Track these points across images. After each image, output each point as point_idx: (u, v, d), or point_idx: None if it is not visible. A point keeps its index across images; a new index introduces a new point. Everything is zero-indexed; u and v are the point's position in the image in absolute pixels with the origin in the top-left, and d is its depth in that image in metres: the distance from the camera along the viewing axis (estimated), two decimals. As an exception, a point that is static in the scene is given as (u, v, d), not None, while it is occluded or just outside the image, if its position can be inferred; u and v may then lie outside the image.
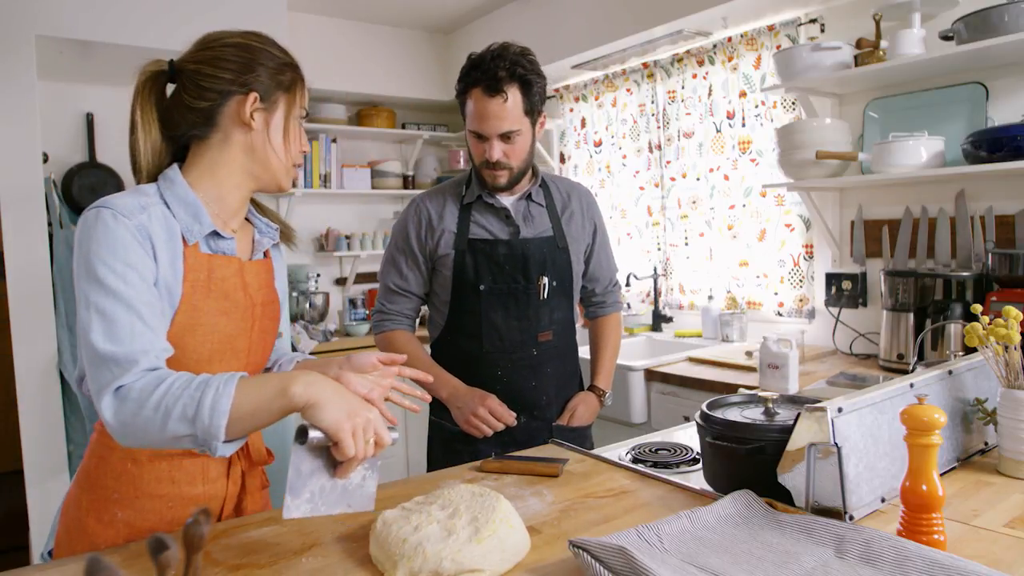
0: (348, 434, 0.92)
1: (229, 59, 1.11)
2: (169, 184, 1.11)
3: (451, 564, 0.88)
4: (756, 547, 0.92)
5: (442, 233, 1.70)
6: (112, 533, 1.09)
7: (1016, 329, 1.17)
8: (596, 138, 3.74)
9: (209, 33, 1.17)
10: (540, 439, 1.67)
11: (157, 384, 0.93)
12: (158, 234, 1.05)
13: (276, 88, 1.13)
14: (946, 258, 2.34)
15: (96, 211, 1.02)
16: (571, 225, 1.77)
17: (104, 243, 1.00)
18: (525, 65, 1.58)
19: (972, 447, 1.27)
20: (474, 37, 4.01)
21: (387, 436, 0.98)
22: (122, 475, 1.11)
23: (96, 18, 2.78)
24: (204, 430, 0.91)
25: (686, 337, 3.15)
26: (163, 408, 0.91)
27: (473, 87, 1.59)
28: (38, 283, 2.70)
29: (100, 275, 0.98)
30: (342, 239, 3.98)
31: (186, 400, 0.91)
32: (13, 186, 2.64)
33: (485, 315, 1.68)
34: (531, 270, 1.68)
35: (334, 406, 0.93)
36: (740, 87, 3.00)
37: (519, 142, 1.62)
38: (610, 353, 1.90)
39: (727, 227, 3.12)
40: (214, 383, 0.93)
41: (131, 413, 0.92)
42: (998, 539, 0.96)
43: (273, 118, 1.13)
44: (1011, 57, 2.11)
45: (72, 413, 2.79)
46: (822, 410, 1.00)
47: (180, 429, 0.91)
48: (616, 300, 1.95)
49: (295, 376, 0.95)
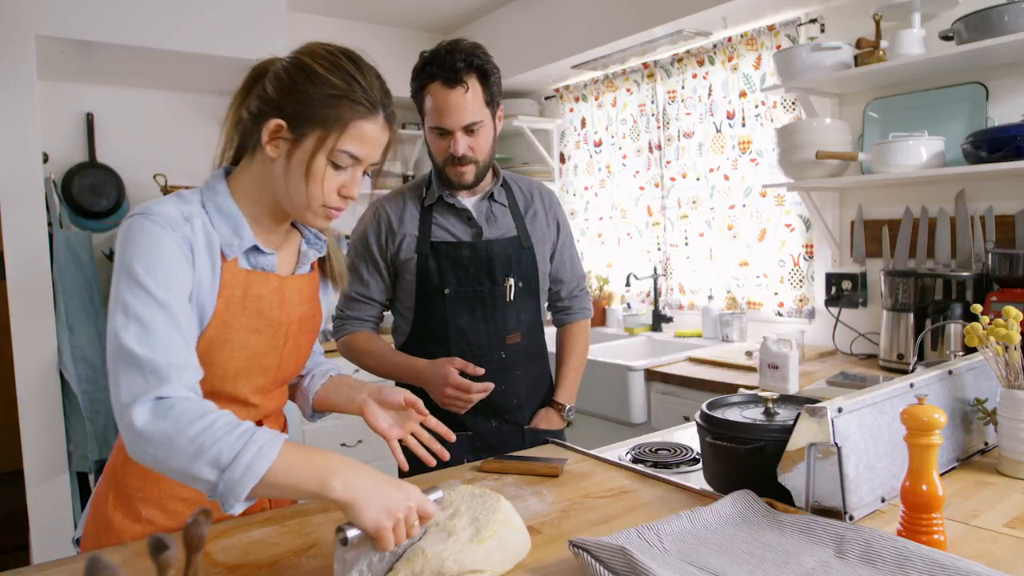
0: (389, 532, 0.87)
1: (281, 77, 1.04)
2: (212, 194, 1.07)
3: (453, 564, 0.88)
4: (756, 547, 0.92)
5: (403, 237, 1.65)
6: (138, 529, 1.11)
7: (1016, 329, 1.17)
8: (596, 138, 3.74)
9: (306, 44, 1.07)
10: (511, 443, 1.66)
11: (200, 416, 0.88)
12: (200, 248, 1.02)
13: (308, 121, 1.01)
14: (946, 258, 2.33)
15: (141, 219, 0.99)
16: (535, 224, 1.74)
17: (149, 252, 0.97)
18: (481, 56, 1.58)
19: (972, 447, 1.27)
20: (474, 37, 3.98)
21: (432, 510, 0.93)
22: (147, 475, 1.11)
23: (96, 18, 2.78)
24: (229, 484, 0.85)
25: (686, 337, 3.15)
26: (197, 444, 0.86)
27: (431, 81, 1.57)
28: (38, 283, 2.70)
29: (143, 282, 0.95)
30: (342, 239, 3.98)
31: (223, 447, 0.86)
32: (13, 186, 2.64)
33: (451, 319, 1.65)
34: (496, 272, 1.65)
35: (373, 505, 0.86)
36: (740, 87, 3.00)
37: (482, 134, 1.60)
38: (574, 364, 1.82)
39: (727, 227, 3.12)
40: (258, 440, 0.87)
41: (163, 434, 0.87)
42: (998, 539, 0.96)
43: (297, 152, 1.02)
44: (1011, 57, 2.11)
45: (72, 413, 2.79)
46: (822, 410, 1.00)
47: (205, 472, 0.86)
48: (584, 307, 1.88)
49: (336, 469, 0.88)
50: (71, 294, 2.89)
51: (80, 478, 2.91)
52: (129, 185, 3.40)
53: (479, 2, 3.74)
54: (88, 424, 2.80)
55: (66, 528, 2.75)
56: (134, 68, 3.20)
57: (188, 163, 3.50)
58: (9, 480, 4.19)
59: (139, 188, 3.42)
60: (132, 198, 3.41)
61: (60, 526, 2.74)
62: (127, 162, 3.41)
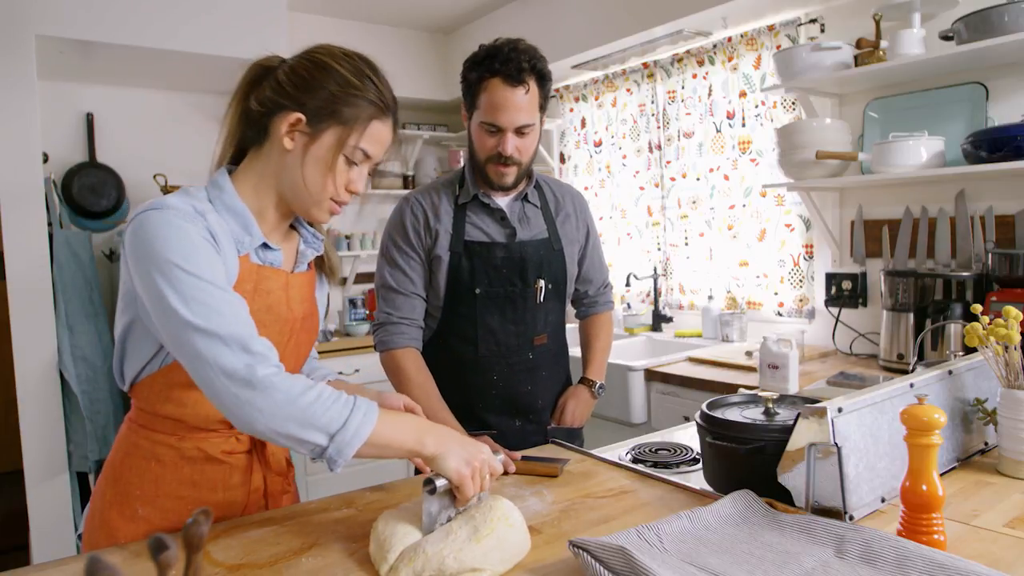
0: (468, 479, 1.00)
1: (299, 73, 1.07)
2: (218, 191, 1.09)
3: (453, 562, 0.89)
4: (756, 547, 0.92)
5: (438, 233, 1.64)
6: (133, 528, 1.10)
7: (1016, 329, 1.17)
8: (596, 138, 3.74)
9: (320, 44, 1.11)
10: (534, 442, 1.65)
11: (307, 388, 0.95)
12: (220, 239, 1.04)
13: (329, 117, 1.06)
14: (946, 258, 2.33)
15: (157, 213, 0.99)
16: (566, 227, 1.75)
17: (179, 241, 0.97)
18: (541, 59, 1.56)
19: (972, 447, 1.27)
20: (474, 37, 4.01)
21: (499, 467, 1.07)
22: (145, 473, 1.11)
23: (96, 18, 2.78)
24: (339, 446, 0.95)
25: (686, 337, 3.15)
26: (309, 413, 0.93)
27: (492, 76, 1.53)
28: (38, 283, 2.71)
29: (189, 269, 0.96)
30: (342, 239, 3.98)
31: (333, 415, 0.94)
32: (13, 186, 2.64)
33: (481, 319, 1.64)
34: (528, 273, 1.65)
35: (456, 456, 1.00)
36: (740, 87, 3.00)
37: (531, 137, 1.59)
38: (602, 345, 1.87)
39: (727, 227, 3.12)
40: (361, 407, 0.97)
41: (275, 403, 0.93)
42: (998, 539, 0.96)
43: (314, 146, 1.07)
44: (1011, 57, 2.11)
45: (72, 413, 2.79)
46: (822, 410, 1.00)
47: (316, 437, 0.94)
48: (608, 300, 1.93)
49: (427, 429, 1.03)
50: (71, 294, 2.89)
51: (80, 478, 2.91)
52: (129, 185, 3.40)
53: (479, 2, 3.74)
54: (88, 424, 2.80)
55: (66, 528, 2.75)
56: (134, 68, 3.20)
57: (188, 163, 3.50)
58: (9, 480, 4.20)
59: (139, 188, 3.42)
60: (132, 198, 3.42)
61: (60, 526, 2.74)
62: (127, 162, 3.41)
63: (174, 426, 1.11)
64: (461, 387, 1.66)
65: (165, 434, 1.12)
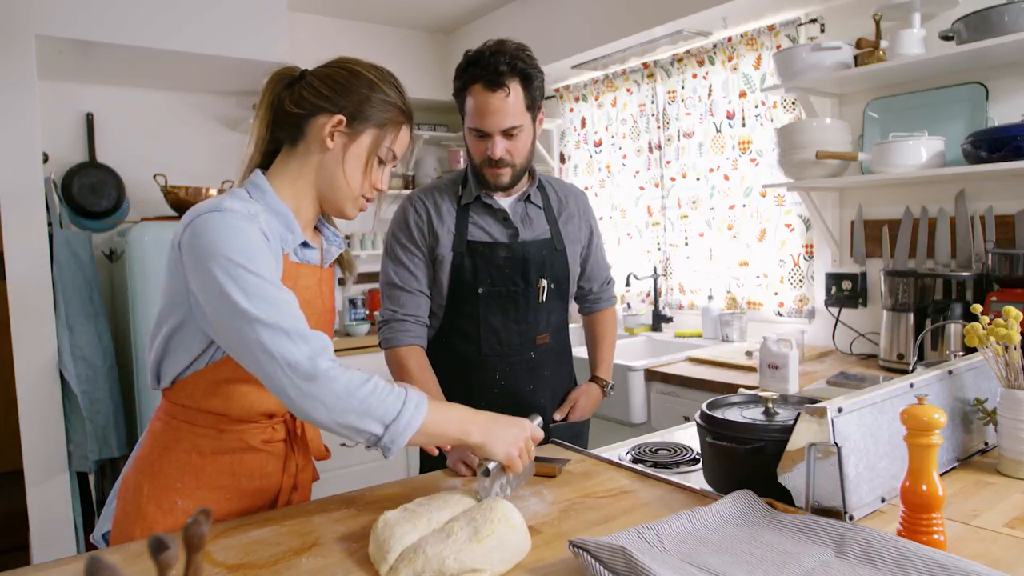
0: (516, 458, 1.12)
1: (336, 79, 1.16)
2: (260, 193, 1.14)
3: (453, 563, 0.89)
4: (756, 547, 0.92)
5: (441, 233, 1.65)
6: (171, 520, 1.14)
7: (1016, 329, 1.17)
8: (596, 138, 3.74)
9: (345, 56, 1.21)
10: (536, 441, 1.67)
11: (364, 380, 1.01)
12: (271, 239, 1.10)
13: (367, 120, 1.16)
14: (946, 258, 2.33)
15: (218, 215, 1.04)
16: (568, 227, 1.75)
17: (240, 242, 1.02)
18: (525, 59, 1.55)
19: (972, 447, 1.27)
20: (474, 37, 4.01)
21: (540, 435, 1.19)
22: (186, 466, 1.15)
23: (96, 18, 2.78)
24: (393, 435, 1.01)
25: (686, 337, 3.15)
26: (367, 404, 1.00)
27: (473, 83, 1.55)
28: (38, 283, 2.71)
29: (252, 269, 1.01)
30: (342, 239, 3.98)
31: (388, 407, 1.01)
32: (13, 186, 2.64)
33: (483, 318, 1.66)
34: (531, 273, 1.66)
35: (500, 441, 1.11)
36: (740, 87, 3.00)
37: (521, 138, 1.59)
38: (609, 343, 1.91)
39: (727, 227, 3.12)
40: (412, 399, 1.04)
41: (335, 394, 0.99)
42: (998, 539, 0.96)
43: (353, 145, 1.16)
44: (1011, 57, 2.11)
45: (72, 413, 2.79)
46: (822, 410, 1.00)
47: (372, 427, 1.00)
48: (611, 296, 1.95)
49: (472, 420, 1.11)
50: (71, 294, 2.89)
51: (80, 478, 2.91)
52: (129, 185, 3.40)
53: (479, 2, 3.74)
54: (88, 424, 2.80)
55: (66, 528, 2.75)
56: (134, 68, 3.20)
57: (188, 163, 3.50)
58: (9, 480, 4.20)
59: (139, 188, 3.42)
60: (132, 198, 3.42)
61: (60, 526, 2.74)
62: (127, 162, 3.41)
63: (216, 420, 1.16)
64: (463, 386, 1.67)
65: (207, 427, 1.16)
